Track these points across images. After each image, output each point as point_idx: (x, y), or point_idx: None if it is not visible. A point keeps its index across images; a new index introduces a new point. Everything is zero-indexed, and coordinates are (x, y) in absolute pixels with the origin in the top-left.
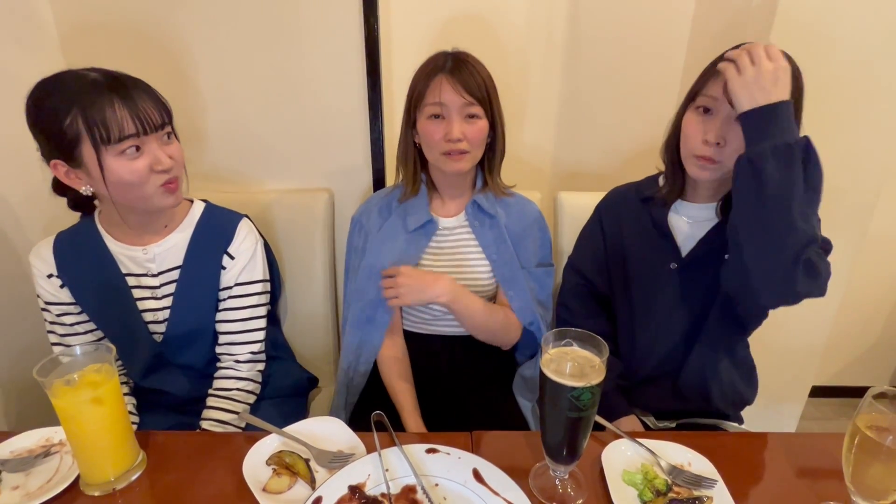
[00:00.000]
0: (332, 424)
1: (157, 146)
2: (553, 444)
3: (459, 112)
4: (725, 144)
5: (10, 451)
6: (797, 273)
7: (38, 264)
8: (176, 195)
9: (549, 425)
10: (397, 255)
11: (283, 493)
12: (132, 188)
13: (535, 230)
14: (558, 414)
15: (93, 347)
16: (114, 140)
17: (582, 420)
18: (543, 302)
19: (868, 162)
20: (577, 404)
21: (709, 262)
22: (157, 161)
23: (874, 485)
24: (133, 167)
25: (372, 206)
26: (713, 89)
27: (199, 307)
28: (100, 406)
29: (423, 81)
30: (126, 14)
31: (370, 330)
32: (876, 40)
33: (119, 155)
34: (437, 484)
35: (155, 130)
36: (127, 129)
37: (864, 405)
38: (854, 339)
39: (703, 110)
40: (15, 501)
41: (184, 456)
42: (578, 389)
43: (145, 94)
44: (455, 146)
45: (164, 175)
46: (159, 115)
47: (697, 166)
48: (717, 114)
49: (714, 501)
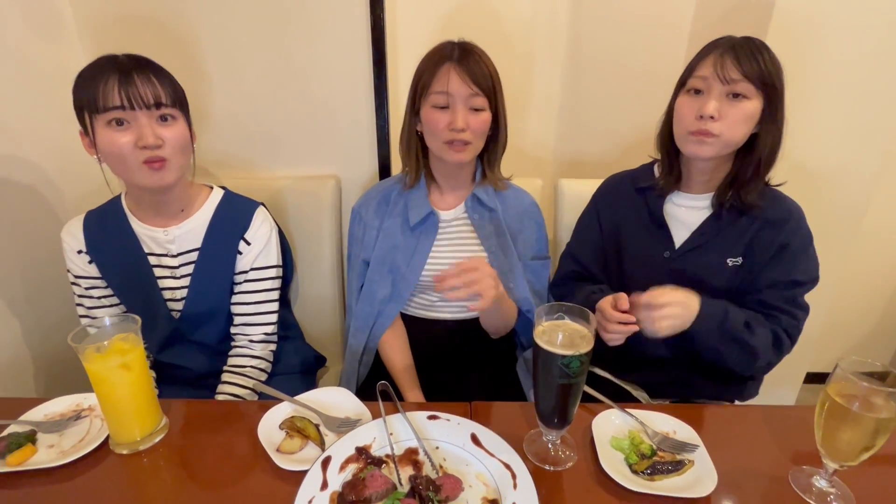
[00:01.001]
0: (340, 394)
1: (146, 123)
2: (545, 411)
3: (465, 103)
4: (720, 118)
5: (44, 415)
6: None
7: (69, 240)
8: (160, 174)
9: (542, 393)
10: (409, 253)
11: (295, 453)
12: (117, 160)
13: (531, 223)
14: (550, 382)
15: (120, 318)
16: (100, 110)
17: (572, 387)
18: (539, 293)
19: (864, 152)
20: (567, 371)
21: (702, 252)
22: (140, 136)
23: (842, 447)
24: (116, 138)
25: (371, 199)
26: (703, 70)
27: (214, 288)
28: (127, 371)
29: (430, 70)
30: (141, 6)
31: (378, 325)
32: (873, 32)
33: (106, 125)
34: (437, 447)
35: (145, 108)
36: (112, 100)
37: (834, 375)
38: (851, 327)
39: (694, 91)
40: (51, 458)
41: (203, 421)
42: (568, 357)
43: (151, 76)
44: (458, 136)
45: (146, 152)
46: (155, 94)
47: (695, 142)
48: (710, 91)
49: (695, 464)
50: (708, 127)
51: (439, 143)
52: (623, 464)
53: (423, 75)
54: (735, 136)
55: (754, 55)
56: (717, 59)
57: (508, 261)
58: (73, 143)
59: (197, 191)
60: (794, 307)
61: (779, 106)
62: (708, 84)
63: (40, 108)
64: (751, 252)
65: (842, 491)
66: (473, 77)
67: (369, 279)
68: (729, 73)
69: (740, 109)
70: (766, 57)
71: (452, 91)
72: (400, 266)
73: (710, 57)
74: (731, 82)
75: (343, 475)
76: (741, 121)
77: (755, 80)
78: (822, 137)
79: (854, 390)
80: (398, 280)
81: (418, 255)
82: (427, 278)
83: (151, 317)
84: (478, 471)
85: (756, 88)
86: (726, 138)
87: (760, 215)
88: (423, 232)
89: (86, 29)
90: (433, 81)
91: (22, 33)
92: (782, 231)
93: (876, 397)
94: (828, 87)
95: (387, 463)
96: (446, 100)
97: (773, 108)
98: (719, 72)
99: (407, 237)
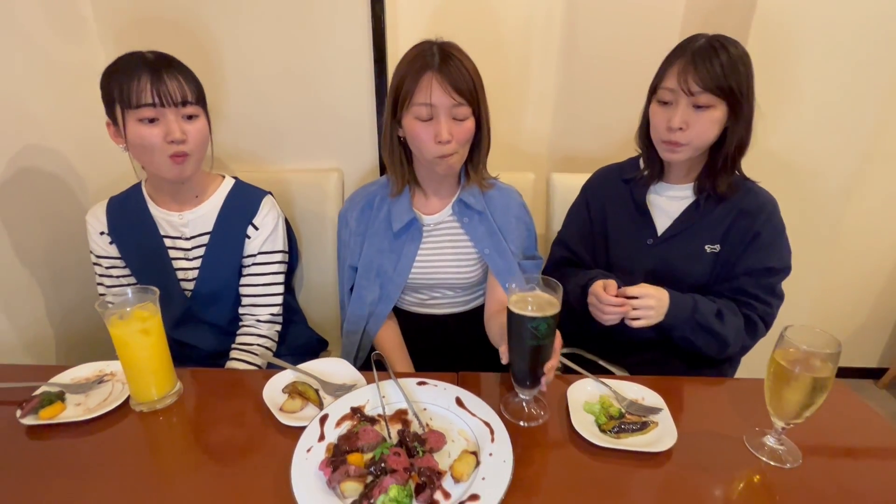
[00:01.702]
0: (338, 364)
1: (173, 118)
2: (518, 372)
3: (447, 113)
4: (688, 128)
5: (71, 378)
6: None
7: (93, 222)
8: (181, 168)
9: (515, 355)
10: (396, 258)
11: (296, 412)
12: (145, 152)
13: (520, 225)
14: (522, 344)
15: (141, 289)
16: (133, 105)
17: (541, 348)
18: None
19: (845, 147)
20: (536, 333)
21: (682, 239)
22: (168, 132)
23: (787, 406)
24: (146, 133)
25: (355, 205)
26: (669, 81)
27: (224, 270)
28: (146, 336)
29: (412, 78)
30: (158, 9)
31: (372, 323)
32: (854, 29)
33: (138, 121)
34: (425, 409)
35: (173, 106)
36: (144, 98)
37: (779, 342)
38: (841, 321)
39: (663, 102)
40: (79, 414)
41: (213, 387)
42: (537, 320)
43: (177, 75)
44: (444, 149)
45: (173, 146)
46: (182, 93)
47: (667, 150)
48: (676, 104)
49: (659, 426)
50: (676, 138)
51: (428, 157)
52: (593, 424)
53: (405, 84)
54: (704, 141)
55: (713, 62)
56: (681, 71)
57: (505, 261)
58: (95, 135)
59: (210, 179)
60: (768, 294)
61: (741, 105)
62: (675, 96)
63: (64, 103)
64: (727, 240)
65: (789, 447)
66: (455, 86)
67: (358, 284)
68: (691, 87)
69: (706, 118)
70: (723, 60)
71: (435, 102)
72: (387, 270)
73: (675, 66)
74: (694, 94)
75: (339, 430)
76: (707, 128)
77: (715, 90)
78: (802, 133)
79: (796, 355)
80: (386, 283)
81: (404, 259)
82: (417, 279)
83: (166, 295)
84: (460, 428)
85: (717, 97)
86: (696, 144)
87: (736, 206)
88: (408, 238)
89: (106, 31)
90: (415, 92)
91: (48, 35)
92: (756, 221)
93: (814, 360)
94: (809, 82)
95: (378, 421)
96: (429, 111)
97: (737, 109)
98: (682, 85)
99: (391, 242)
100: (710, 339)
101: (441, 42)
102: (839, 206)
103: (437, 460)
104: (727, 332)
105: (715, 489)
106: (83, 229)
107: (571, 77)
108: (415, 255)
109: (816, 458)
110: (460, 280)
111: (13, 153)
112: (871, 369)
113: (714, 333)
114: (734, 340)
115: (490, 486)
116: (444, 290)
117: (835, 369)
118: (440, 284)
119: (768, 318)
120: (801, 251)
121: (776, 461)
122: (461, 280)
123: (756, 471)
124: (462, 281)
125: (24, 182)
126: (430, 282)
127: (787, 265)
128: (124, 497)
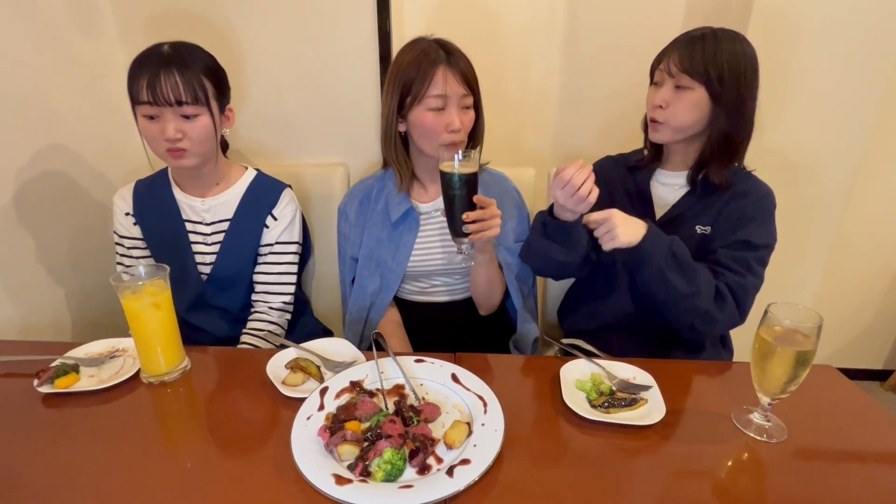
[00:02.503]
0: (340, 344)
1: (171, 118)
2: (448, 220)
3: (458, 103)
4: (667, 107)
5: (85, 353)
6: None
7: (120, 203)
8: (179, 161)
9: (446, 210)
10: (394, 247)
11: (297, 386)
12: (149, 144)
13: (513, 209)
14: (446, 195)
15: (153, 266)
16: (136, 101)
17: (456, 196)
18: (520, 275)
19: (846, 142)
20: (451, 183)
21: (677, 223)
22: (164, 129)
23: (772, 381)
24: (147, 127)
25: (353, 198)
26: (661, 65)
27: (240, 257)
28: (157, 309)
29: (422, 74)
30: (175, 6)
31: (373, 313)
32: (856, 23)
33: (142, 116)
34: (421, 384)
35: (169, 106)
36: (142, 96)
37: (765, 319)
38: (846, 322)
39: (655, 84)
40: (93, 385)
41: (219, 363)
42: (452, 174)
43: (178, 75)
44: (456, 136)
45: (168, 143)
46: (177, 94)
47: (651, 130)
48: (663, 84)
49: (648, 402)
50: (655, 115)
51: (435, 145)
52: (584, 400)
53: (415, 82)
54: (682, 122)
55: (695, 47)
56: (669, 54)
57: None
58: (113, 129)
59: (233, 168)
60: (741, 267)
61: (721, 94)
62: (662, 77)
63: (84, 97)
64: (718, 222)
65: (775, 423)
66: (464, 77)
67: (359, 275)
68: (671, 68)
69: (683, 99)
70: (708, 46)
71: (450, 93)
72: (386, 260)
73: (667, 51)
74: (675, 76)
75: (338, 402)
76: (686, 109)
77: (693, 73)
78: (802, 130)
79: (780, 331)
80: (386, 273)
81: (403, 248)
82: (416, 267)
83: (182, 277)
84: (455, 402)
85: (696, 80)
86: (674, 125)
87: (730, 191)
88: (406, 228)
89: (125, 27)
90: (429, 85)
91: (70, 31)
92: (745, 202)
93: (797, 335)
94: (809, 79)
95: (376, 394)
96: (443, 102)
97: (717, 96)
98: (665, 67)
99: (389, 233)
100: (682, 280)
101: (436, 38)
102: (840, 206)
103: (432, 430)
104: (699, 279)
105: (702, 461)
106: (102, 219)
107: (573, 74)
108: (412, 244)
109: (802, 434)
110: (455, 266)
111: (37, 147)
112: (876, 371)
113: (687, 272)
114: (704, 296)
115: (481, 452)
116: (442, 276)
117: (816, 343)
118: (437, 272)
119: (738, 290)
120: (803, 251)
121: (763, 436)
122: (456, 266)
123: (743, 445)
124: (457, 266)
125: (46, 174)
126: (427, 269)
127: (766, 243)
128: (133, 460)
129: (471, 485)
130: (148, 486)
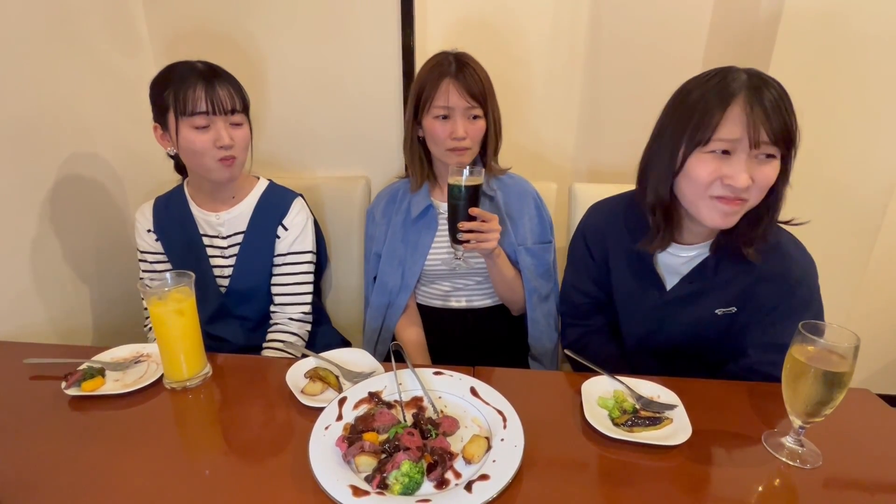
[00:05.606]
0: (359, 354)
1: (223, 126)
2: (450, 230)
3: (463, 114)
4: (753, 183)
5: (111, 358)
6: None
7: (141, 220)
8: (230, 171)
9: (448, 216)
10: (414, 244)
11: (316, 395)
12: (196, 156)
13: (532, 208)
14: (450, 206)
15: (178, 274)
16: (188, 113)
17: (457, 206)
18: (543, 275)
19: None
20: (452, 193)
21: (692, 300)
22: (219, 137)
23: (804, 403)
24: (199, 138)
25: (381, 200)
26: (729, 131)
27: (256, 267)
28: (181, 316)
29: (431, 85)
30: (204, 25)
31: (391, 314)
32: (881, 46)
33: (191, 127)
34: (440, 396)
35: (224, 114)
36: (199, 106)
37: (796, 338)
38: (876, 347)
39: (721, 152)
40: (116, 388)
41: (240, 371)
42: (454, 186)
43: (227, 85)
44: (459, 144)
45: (222, 151)
46: (231, 102)
47: (720, 211)
48: (738, 153)
49: (673, 422)
50: (743, 195)
51: (442, 150)
52: (606, 418)
53: (425, 90)
54: (760, 199)
55: (780, 110)
56: (747, 117)
57: (510, 247)
58: (140, 142)
59: (246, 180)
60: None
61: (792, 160)
62: (735, 146)
63: (117, 113)
64: (744, 305)
65: (809, 448)
66: (469, 90)
67: (382, 271)
68: (761, 137)
69: (770, 170)
70: (789, 108)
71: (452, 104)
72: (406, 257)
73: (735, 110)
74: (762, 145)
75: (356, 412)
76: (770, 181)
77: (782, 142)
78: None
79: (813, 351)
80: (406, 270)
81: (421, 245)
82: (432, 267)
83: (203, 290)
84: (474, 415)
85: (781, 149)
86: (752, 203)
87: (756, 267)
88: (425, 225)
89: (160, 45)
90: (435, 96)
91: (106, 49)
92: (779, 290)
93: (832, 356)
94: (838, 96)
95: (395, 406)
96: (448, 112)
97: (787, 164)
98: (751, 134)
99: (409, 230)
100: None
101: (456, 52)
102: (876, 222)
103: (450, 443)
104: None
105: (731, 485)
106: (126, 229)
107: (595, 89)
108: (430, 242)
109: (838, 461)
110: (472, 267)
111: (65, 157)
112: None
113: None
114: None
115: (500, 468)
116: (460, 279)
117: (853, 364)
118: (454, 273)
119: None
120: (837, 269)
121: (796, 461)
122: (473, 267)
123: (774, 469)
124: (473, 268)
125: (74, 185)
126: (443, 270)
127: None
128: (154, 464)
129: (489, 501)
130: (166, 491)
